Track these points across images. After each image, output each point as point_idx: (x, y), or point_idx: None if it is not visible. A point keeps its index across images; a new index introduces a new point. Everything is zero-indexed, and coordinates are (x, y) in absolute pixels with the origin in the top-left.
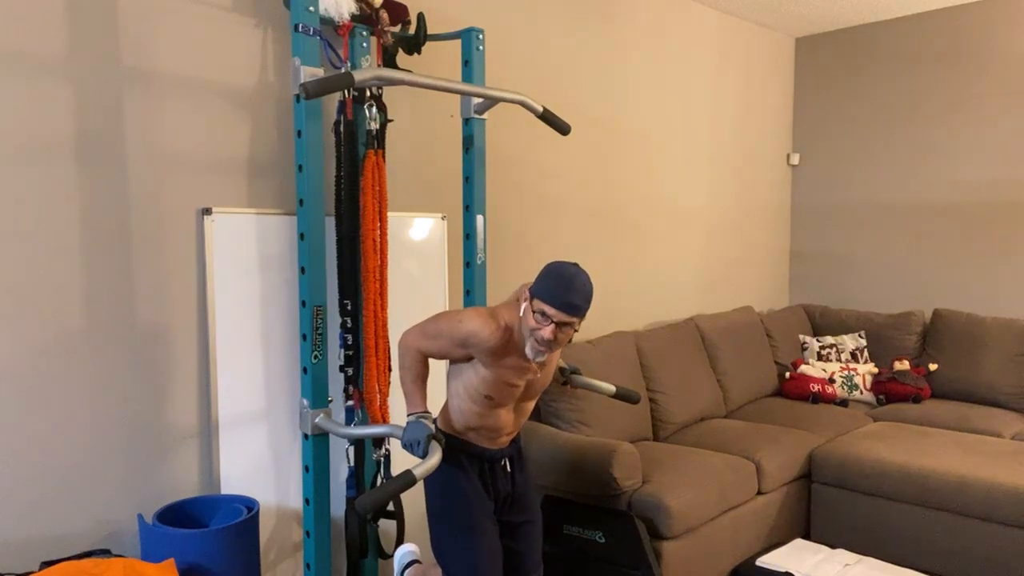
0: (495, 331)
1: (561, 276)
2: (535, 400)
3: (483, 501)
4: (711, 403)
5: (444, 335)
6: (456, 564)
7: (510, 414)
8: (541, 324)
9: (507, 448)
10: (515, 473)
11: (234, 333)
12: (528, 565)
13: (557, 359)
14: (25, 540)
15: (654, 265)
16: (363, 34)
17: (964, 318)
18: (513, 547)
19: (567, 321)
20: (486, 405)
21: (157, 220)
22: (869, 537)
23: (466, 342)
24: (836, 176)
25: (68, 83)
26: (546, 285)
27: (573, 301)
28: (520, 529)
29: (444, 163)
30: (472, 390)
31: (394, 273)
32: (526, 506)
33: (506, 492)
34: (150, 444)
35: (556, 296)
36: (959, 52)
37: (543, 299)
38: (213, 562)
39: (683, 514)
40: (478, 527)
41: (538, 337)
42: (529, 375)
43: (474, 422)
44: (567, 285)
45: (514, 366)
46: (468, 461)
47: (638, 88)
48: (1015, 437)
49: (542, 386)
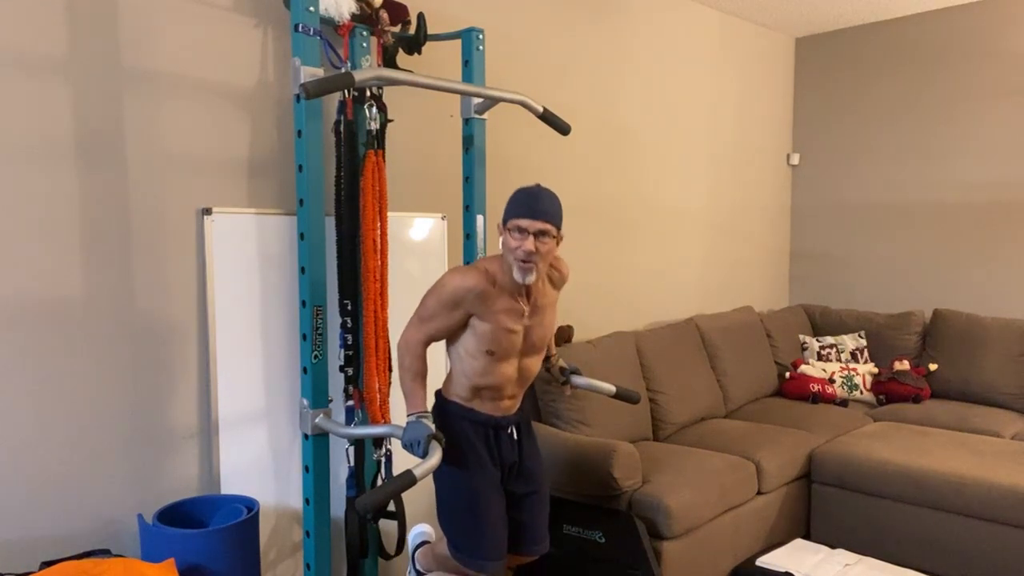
0: (477, 276)
1: (526, 192)
2: (539, 358)
3: (488, 471)
4: (711, 403)
5: (437, 307)
6: (459, 535)
7: (514, 370)
8: (521, 240)
9: (513, 415)
10: (522, 441)
11: (234, 333)
12: (533, 537)
13: (554, 314)
14: (25, 540)
15: (654, 265)
16: (363, 34)
17: (964, 318)
18: (519, 518)
19: (542, 229)
20: (489, 361)
21: (157, 220)
22: (869, 537)
23: (457, 300)
24: (836, 176)
25: (68, 83)
26: (514, 204)
27: (541, 207)
28: (526, 500)
29: (444, 163)
30: (473, 349)
31: (394, 273)
32: (533, 477)
33: (512, 460)
34: (150, 444)
35: (526, 208)
36: (959, 52)
37: (515, 216)
38: (213, 562)
39: (683, 514)
40: (482, 498)
41: (520, 254)
42: (525, 320)
43: (479, 381)
44: (534, 197)
45: (507, 309)
46: (473, 429)
47: (638, 88)
48: (1015, 437)
49: (541, 339)
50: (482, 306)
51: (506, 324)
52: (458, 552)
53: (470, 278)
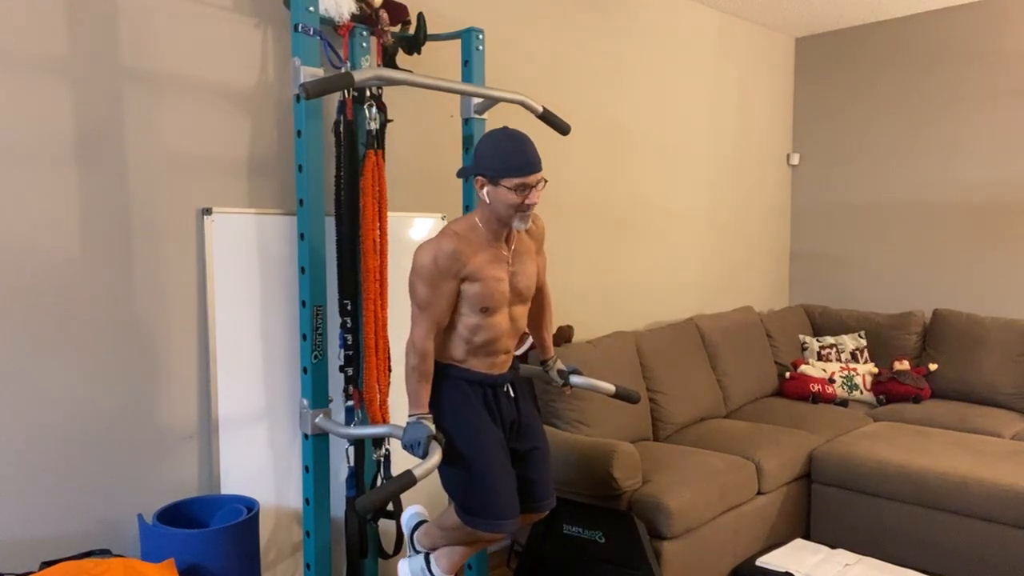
0: (448, 238)
1: (511, 141)
2: (526, 308)
3: (491, 430)
4: (711, 403)
5: (427, 289)
6: (470, 498)
7: (506, 320)
8: (524, 195)
9: (507, 373)
10: (519, 399)
11: (234, 333)
12: (541, 492)
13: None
14: (25, 540)
15: (654, 265)
16: (363, 34)
17: (964, 318)
18: (524, 475)
19: (541, 178)
20: (483, 316)
21: (157, 220)
22: (869, 537)
23: (441, 270)
24: (836, 176)
25: (68, 83)
26: (504, 159)
27: (534, 156)
28: (529, 456)
29: (444, 163)
30: (467, 312)
31: (394, 273)
32: (533, 433)
33: (512, 418)
34: (150, 444)
35: (522, 162)
36: (959, 52)
37: (512, 174)
38: (213, 562)
39: (683, 514)
40: (490, 457)
41: (527, 206)
42: (507, 266)
43: (474, 338)
44: (520, 148)
45: (490, 259)
46: (471, 390)
47: (638, 88)
48: (1015, 437)
49: (526, 288)
50: (468, 265)
51: (494, 273)
52: (471, 516)
53: (444, 243)
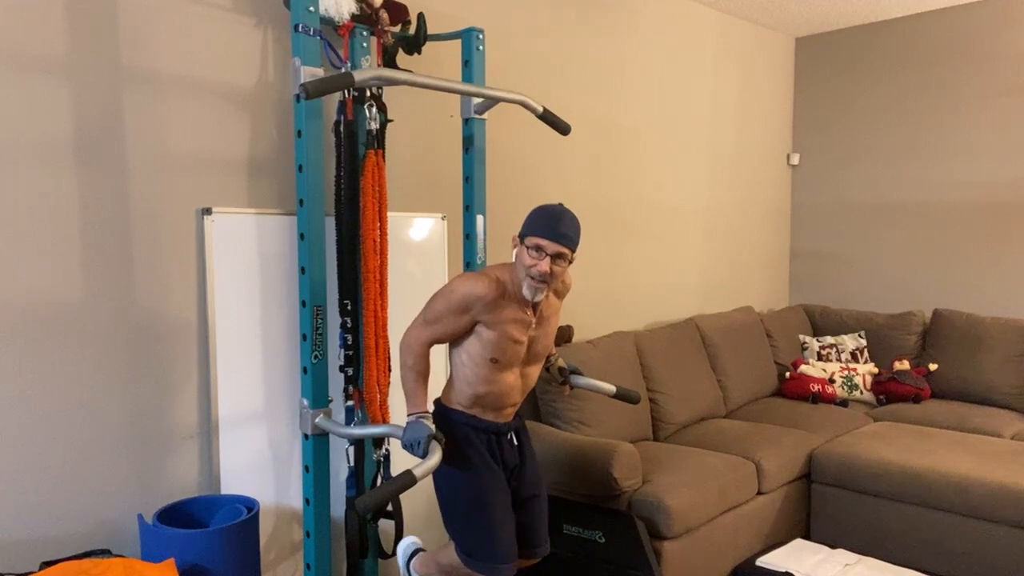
0: (488, 284)
1: (550, 211)
2: (539, 367)
3: (494, 472)
4: (711, 403)
5: (444, 311)
6: (471, 539)
7: (516, 379)
8: (537, 259)
9: (512, 421)
10: (522, 446)
11: (234, 333)
12: (537, 539)
13: (556, 322)
14: (25, 540)
15: (654, 265)
16: (363, 34)
17: (964, 318)
18: (522, 521)
19: (560, 252)
20: (492, 369)
21: (157, 220)
22: (869, 537)
23: (465, 305)
24: (836, 176)
25: (68, 83)
26: (536, 222)
27: (564, 231)
28: (528, 503)
29: (444, 163)
30: (477, 356)
31: (394, 273)
32: (534, 481)
33: (514, 464)
34: (150, 444)
35: (548, 228)
36: (959, 52)
37: (535, 234)
38: (213, 562)
39: (683, 514)
40: (491, 499)
41: (534, 273)
42: (531, 331)
43: (481, 389)
44: (557, 218)
45: (514, 319)
46: (476, 435)
47: (638, 88)
48: (1015, 437)
49: (544, 348)
50: (490, 314)
51: (512, 334)
52: (471, 558)
53: (481, 286)
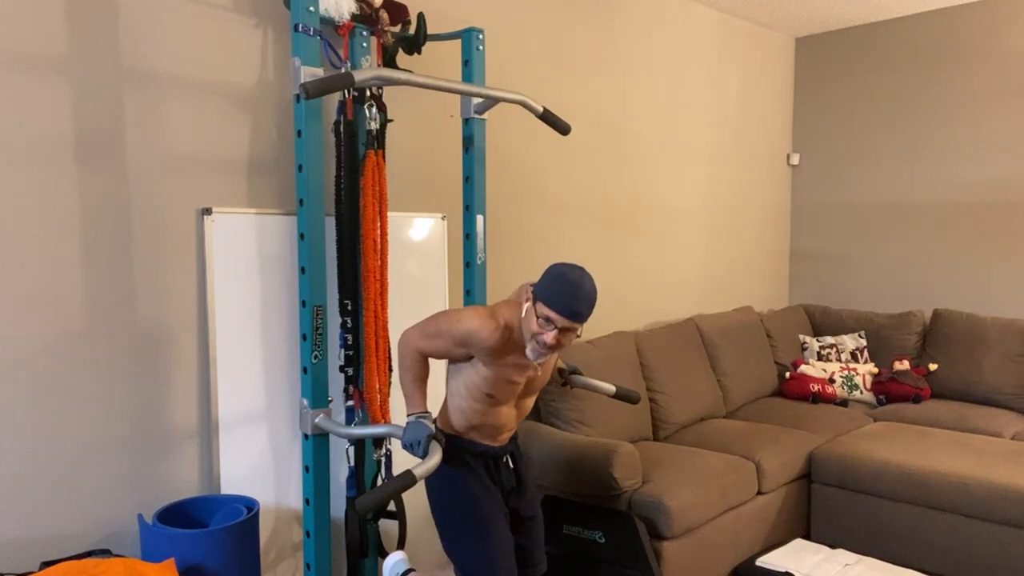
0: (494, 330)
1: (567, 281)
2: (535, 396)
3: (492, 494)
4: (711, 403)
5: (443, 334)
6: (472, 562)
7: (511, 410)
8: (544, 329)
9: (508, 445)
10: (518, 469)
11: (234, 333)
12: (534, 559)
13: (556, 356)
14: (25, 540)
15: (654, 265)
16: (363, 34)
17: (964, 318)
18: (520, 542)
19: (570, 327)
20: (487, 403)
21: (157, 220)
22: (869, 537)
23: (466, 341)
24: (836, 176)
25: (68, 83)
26: (551, 289)
27: (578, 308)
28: (525, 524)
29: (444, 163)
30: (473, 388)
31: (394, 273)
32: (530, 502)
33: (511, 486)
34: (150, 444)
35: (561, 302)
36: (959, 52)
37: (548, 304)
38: (213, 562)
39: (683, 514)
40: (491, 521)
41: (540, 341)
42: (529, 372)
43: (476, 420)
44: (572, 292)
45: (514, 364)
46: (472, 459)
47: (638, 88)
48: (1015, 437)
49: (542, 383)
50: (489, 356)
51: (511, 376)
52: None
53: (487, 329)
